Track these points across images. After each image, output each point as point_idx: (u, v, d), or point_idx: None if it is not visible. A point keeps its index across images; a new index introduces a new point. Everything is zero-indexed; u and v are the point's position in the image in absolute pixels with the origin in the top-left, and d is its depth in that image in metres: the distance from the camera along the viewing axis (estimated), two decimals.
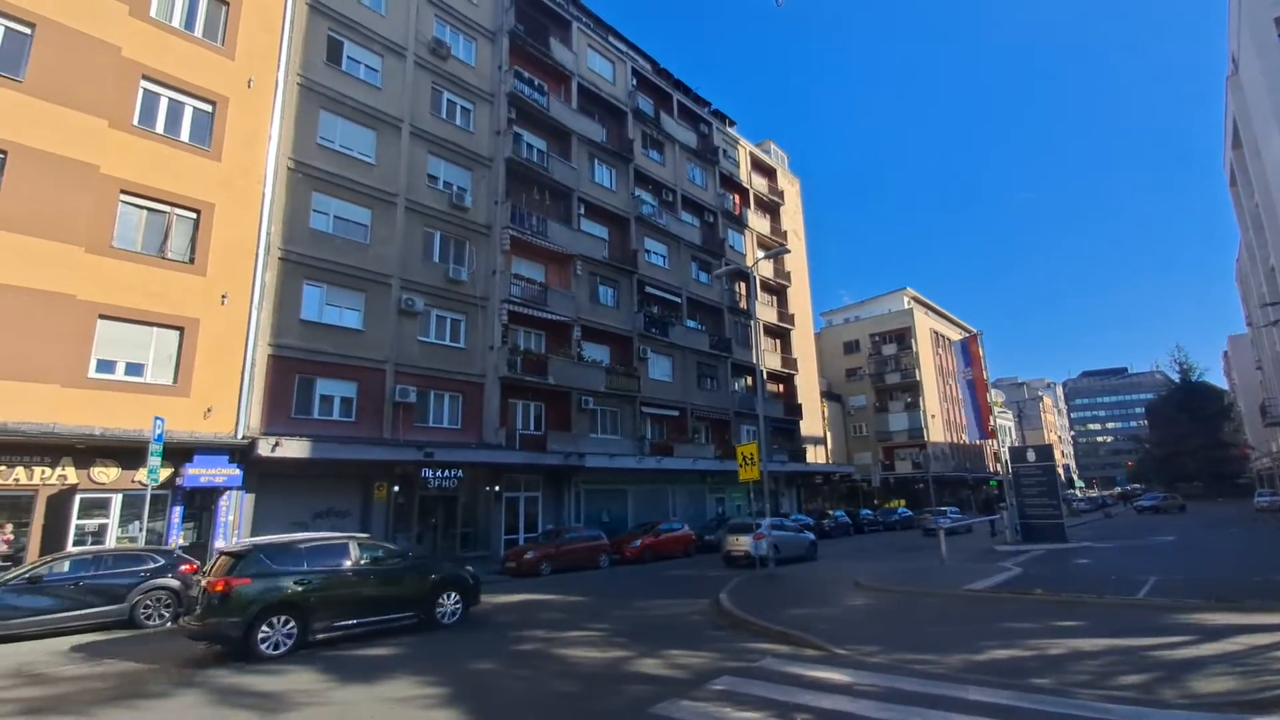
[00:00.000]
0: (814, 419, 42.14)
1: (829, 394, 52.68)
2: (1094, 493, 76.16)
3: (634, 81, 32.42)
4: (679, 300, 31.56)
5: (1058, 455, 53.37)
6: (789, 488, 37.06)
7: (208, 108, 16.73)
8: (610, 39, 32.49)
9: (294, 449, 16.31)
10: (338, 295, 19.00)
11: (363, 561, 9.83)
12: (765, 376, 36.97)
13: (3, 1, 13.67)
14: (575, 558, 19.35)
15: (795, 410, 38.47)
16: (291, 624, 8.71)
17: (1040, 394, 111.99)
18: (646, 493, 27.59)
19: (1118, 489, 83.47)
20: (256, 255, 17.03)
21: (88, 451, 13.90)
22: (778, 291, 40.91)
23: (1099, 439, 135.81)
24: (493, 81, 24.88)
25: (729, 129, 40.31)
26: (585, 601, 13.06)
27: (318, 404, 18.10)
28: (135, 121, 15.45)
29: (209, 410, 15.55)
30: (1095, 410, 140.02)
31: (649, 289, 29.77)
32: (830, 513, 35.34)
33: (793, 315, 40.65)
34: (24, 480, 13.30)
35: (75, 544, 13.49)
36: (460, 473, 19.72)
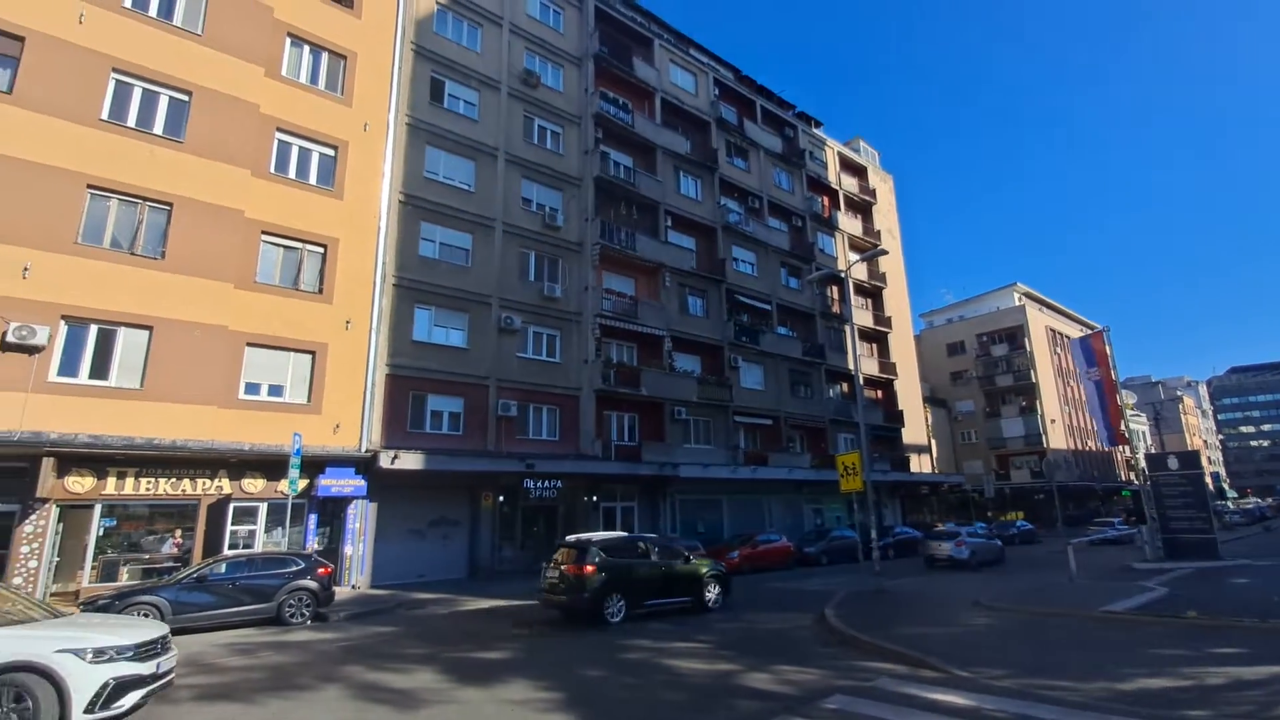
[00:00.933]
0: (916, 426, 40.07)
1: (932, 399, 49.95)
2: (1249, 503, 67.25)
3: (716, 91, 32.51)
4: (769, 307, 31.13)
5: (1204, 462, 47.67)
6: (891, 498, 35.40)
7: (331, 152, 18.49)
8: (691, 52, 32.80)
9: (410, 461, 17.53)
10: (444, 316, 20.29)
11: (655, 555, 12.62)
12: (862, 382, 35.65)
13: (169, 76, 15.82)
14: None
15: (896, 417, 36.77)
16: (622, 601, 11.58)
17: (1179, 394, 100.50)
18: (741, 503, 27.30)
19: (1275, 500, 73.10)
20: (374, 283, 18.54)
21: (239, 465, 15.62)
22: (873, 294, 39.39)
23: (1253, 443, 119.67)
24: (580, 104, 25.79)
25: (815, 130, 39.45)
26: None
27: (429, 419, 19.36)
28: (271, 169, 17.36)
29: (337, 426, 17.06)
30: (1248, 410, 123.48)
31: (738, 297, 29.59)
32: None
33: (889, 318, 38.98)
34: (189, 491, 15.14)
35: (229, 548, 15.17)
36: (559, 483, 20.41)
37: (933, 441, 44.43)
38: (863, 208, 41.16)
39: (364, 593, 16.34)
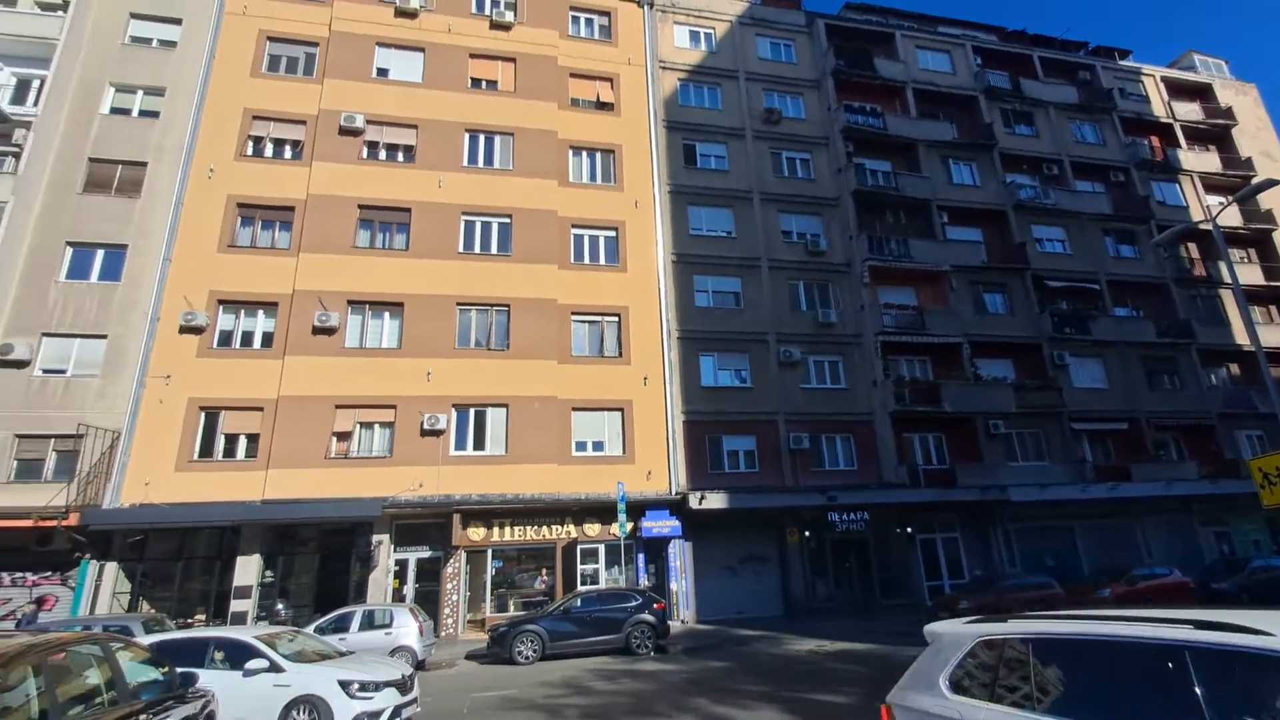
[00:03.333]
0: None
1: None
2: None
3: (977, 61, 28.90)
4: (1096, 287, 25.72)
5: None
6: None
7: (612, 233, 21.31)
8: (939, 30, 29.87)
9: (715, 501, 18.54)
10: (726, 359, 21.30)
11: None
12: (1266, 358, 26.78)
13: (497, 207, 20.26)
14: (1022, 609, 16.76)
15: None
16: None
17: None
18: (1100, 529, 22.40)
19: None
20: (662, 339, 20.48)
21: (580, 512, 18.36)
22: (1256, 241, 29.78)
23: None
24: (824, 125, 25.34)
25: (1121, 62, 32.19)
26: None
27: (726, 459, 20.28)
28: (571, 260, 20.66)
29: (649, 473, 18.97)
30: None
31: (1049, 283, 25.11)
32: None
33: None
34: (547, 536, 18.26)
35: (580, 584, 17.77)
36: (865, 515, 19.41)
37: None
38: (1214, 136, 31.79)
39: (692, 627, 17.53)
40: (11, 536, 14.96)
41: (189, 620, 16.03)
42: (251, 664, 7.52)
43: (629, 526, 17.36)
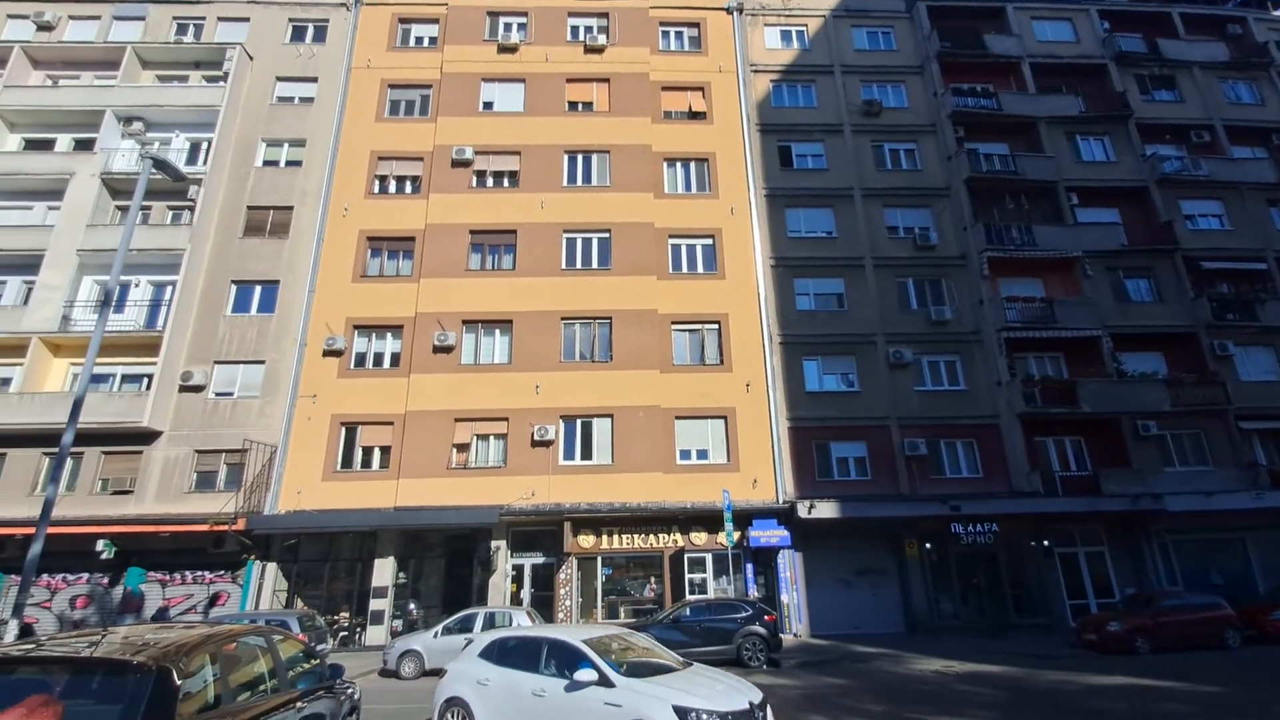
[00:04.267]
0: None
1: None
2: None
3: (1105, 26, 26.26)
4: (1263, 266, 22.46)
5: None
6: None
7: (709, 241, 21.34)
8: None
9: (825, 510, 17.97)
10: (831, 363, 20.63)
11: None
12: None
13: (596, 223, 20.94)
14: (1184, 632, 14.87)
15: None
16: None
17: None
18: (1277, 541, 19.46)
19: None
20: (763, 345, 20.18)
21: (686, 520, 18.42)
22: None
23: None
24: (930, 111, 24.01)
25: (1276, 12, 28.03)
26: (1225, 695, 9.83)
27: (835, 466, 19.60)
28: (670, 270, 20.89)
29: (755, 481, 18.71)
30: None
31: (1204, 264, 22.22)
32: None
33: None
34: (654, 544, 18.47)
35: (689, 592, 17.79)
36: (994, 526, 18.03)
37: None
38: None
39: (805, 641, 17.04)
40: (192, 539, 17.26)
41: (335, 617, 17.70)
42: (580, 674, 6.45)
43: (736, 536, 17.19)
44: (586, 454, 18.76)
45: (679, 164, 22.53)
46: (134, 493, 17.74)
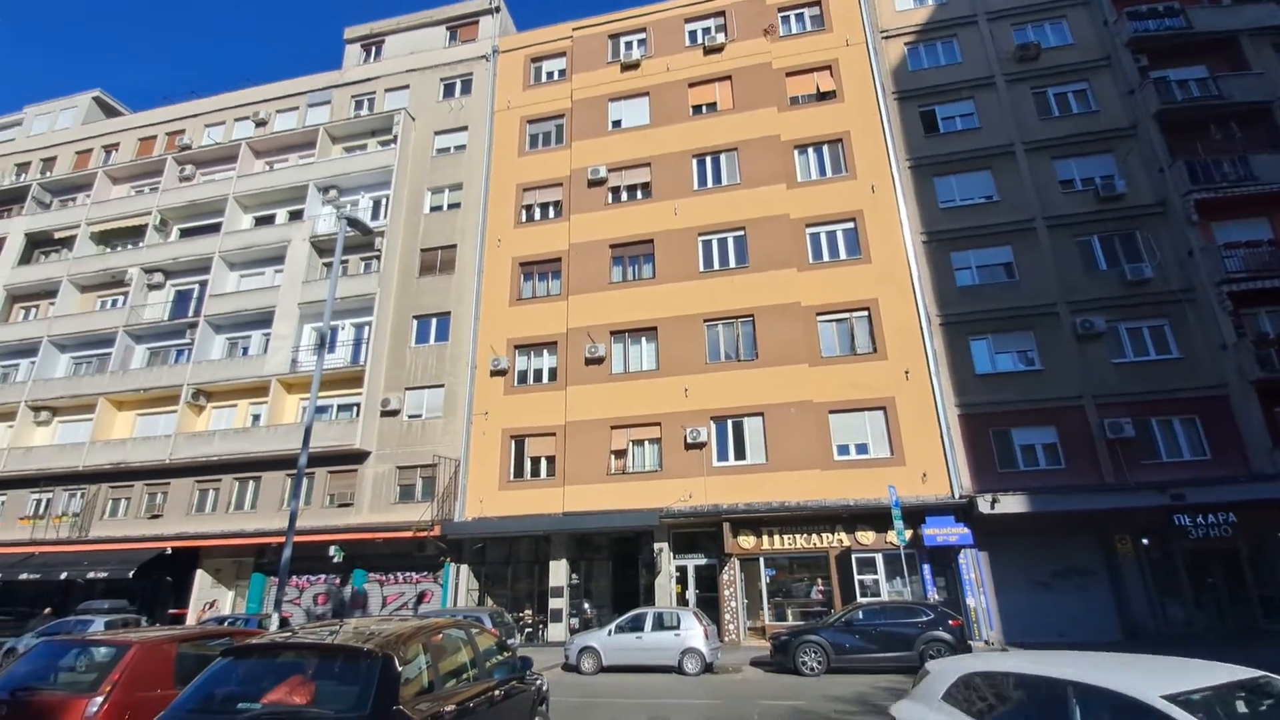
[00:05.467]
0: None
1: None
2: None
3: None
4: None
5: None
6: None
7: (850, 225, 20.33)
8: None
9: (1011, 504, 16.24)
10: (1004, 341, 18.64)
11: None
12: None
13: (730, 222, 20.88)
14: None
15: None
16: None
17: None
18: None
19: None
20: (920, 328, 18.77)
21: (850, 519, 17.64)
22: None
23: None
24: (1101, 43, 20.87)
25: None
26: None
27: (1019, 455, 17.63)
28: (810, 260, 20.22)
29: (924, 475, 17.42)
30: None
31: None
32: None
33: None
34: (817, 544, 17.90)
35: (860, 595, 16.97)
36: (1230, 516, 15.15)
37: None
38: None
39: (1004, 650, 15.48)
40: (399, 545, 19.81)
41: (520, 614, 19.30)
42: None
43: (908, 534, 16.13)
44: (740, 454, 18.69)
45: (810, 149, 21.74)
46: (353, 505, 20.76)
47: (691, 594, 18.39)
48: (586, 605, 19.26)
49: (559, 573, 19.15)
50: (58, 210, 28.60)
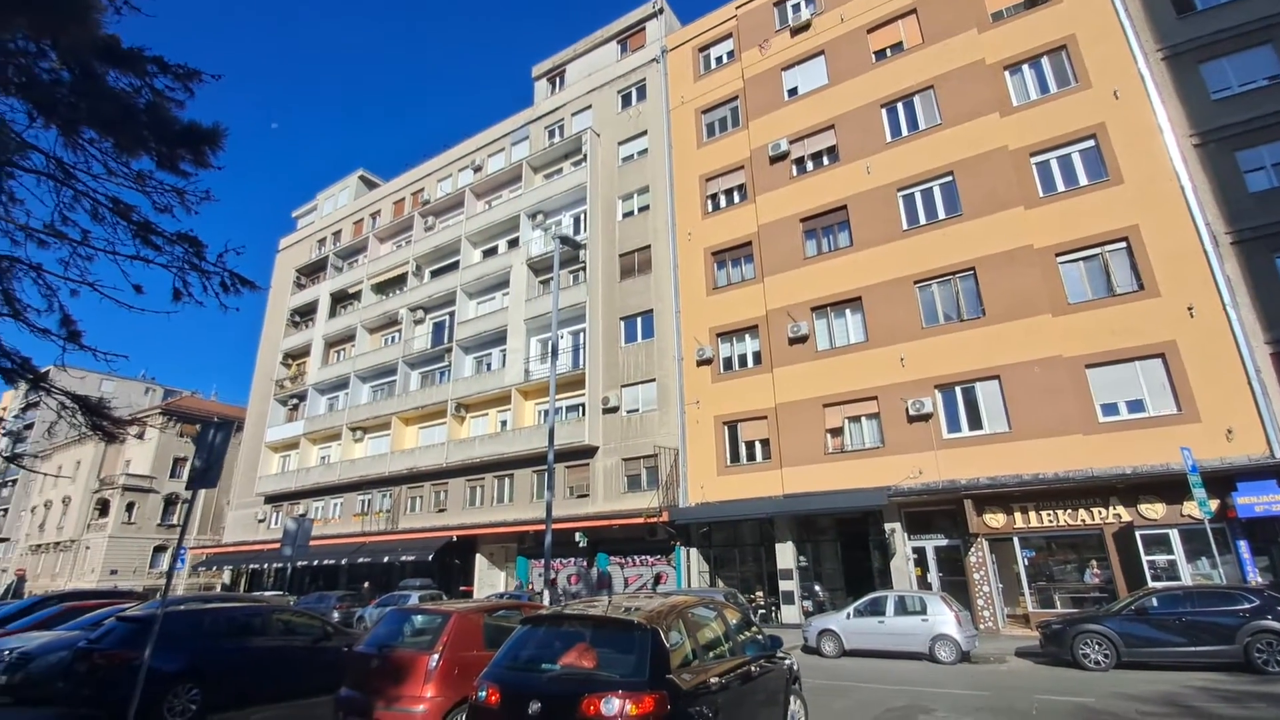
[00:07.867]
0: None
1: None
2: None
3: None
4: None
5: None
6: None
7: (1089, 143, 17.15)
8: None
9: None
10: None
11: None
12: None
13: (932, 169, 18.97)
14: None
15: None
16: None
17: None
18: None
19: None
20: (1204, 252, 15.20)
21: (1128, 490, 14.99)
22: None
23: None
24: None
25: None
26: None
27: None
28: (1040, 194, 17.50)
29: (1230, 431, 14.13)
30: None
31: None
32: None
33: None
34: (1086, 520, 15.50)
35: (1151, 579, 14.34)
36: None
37: None
38: None
39: None
40: (631, 530, 21.43)
41: (752, 596, 19.71)
42: None
43: (1212, 504, 13.25)
44: (975, 424, 16.95)
45: (1025, 66, 18.75)
46: (589, 495, 22.98)
47: (934, 577, 17.16)
48: (818, 588, 19.02)
49: (786, 555, 19.17)
50: (347, 272, 35.98)
